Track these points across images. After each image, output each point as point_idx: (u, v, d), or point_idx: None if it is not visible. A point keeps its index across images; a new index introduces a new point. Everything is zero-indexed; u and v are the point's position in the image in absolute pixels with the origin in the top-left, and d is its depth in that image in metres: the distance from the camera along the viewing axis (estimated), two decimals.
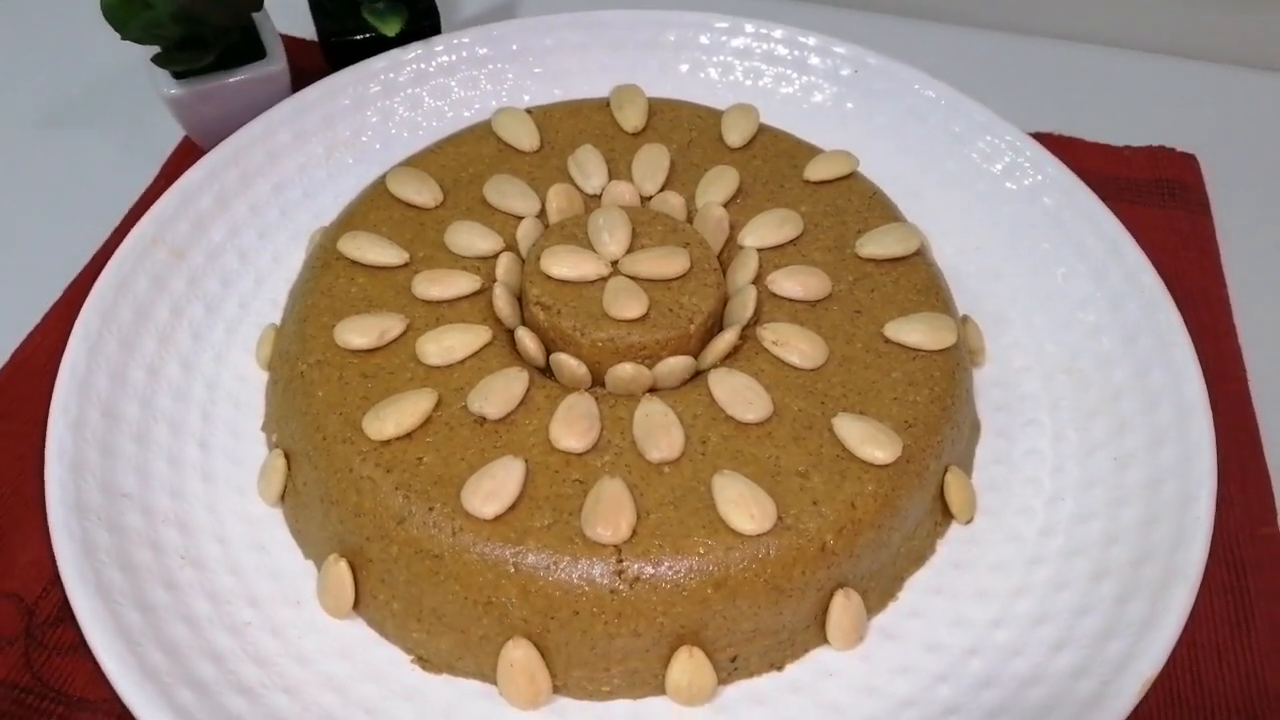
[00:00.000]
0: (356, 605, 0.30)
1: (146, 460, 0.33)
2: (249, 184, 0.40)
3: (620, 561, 0.28)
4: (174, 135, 0.46)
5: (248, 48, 0.43)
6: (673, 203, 0.38)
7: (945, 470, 0.33)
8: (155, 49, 0.41)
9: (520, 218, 0.37)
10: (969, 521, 0.33)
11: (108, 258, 0.37)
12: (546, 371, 0.33)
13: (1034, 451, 0.35)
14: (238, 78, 0.43)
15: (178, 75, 0.42)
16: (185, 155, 0.45)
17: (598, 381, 0.33)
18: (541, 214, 0.37)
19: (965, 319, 0.38)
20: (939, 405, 0.32)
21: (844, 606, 0.30)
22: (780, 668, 0.30)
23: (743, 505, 0.29)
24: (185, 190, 0.39)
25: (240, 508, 0.33)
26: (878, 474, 0.30)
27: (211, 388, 0.36)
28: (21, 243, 0.43)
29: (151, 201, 0.42)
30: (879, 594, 0.31)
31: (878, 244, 0.36)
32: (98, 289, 0.35)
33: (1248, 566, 0.34)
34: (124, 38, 0.40)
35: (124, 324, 0.35)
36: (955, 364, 0.34)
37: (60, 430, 0.31)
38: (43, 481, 0.31)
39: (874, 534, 0.30)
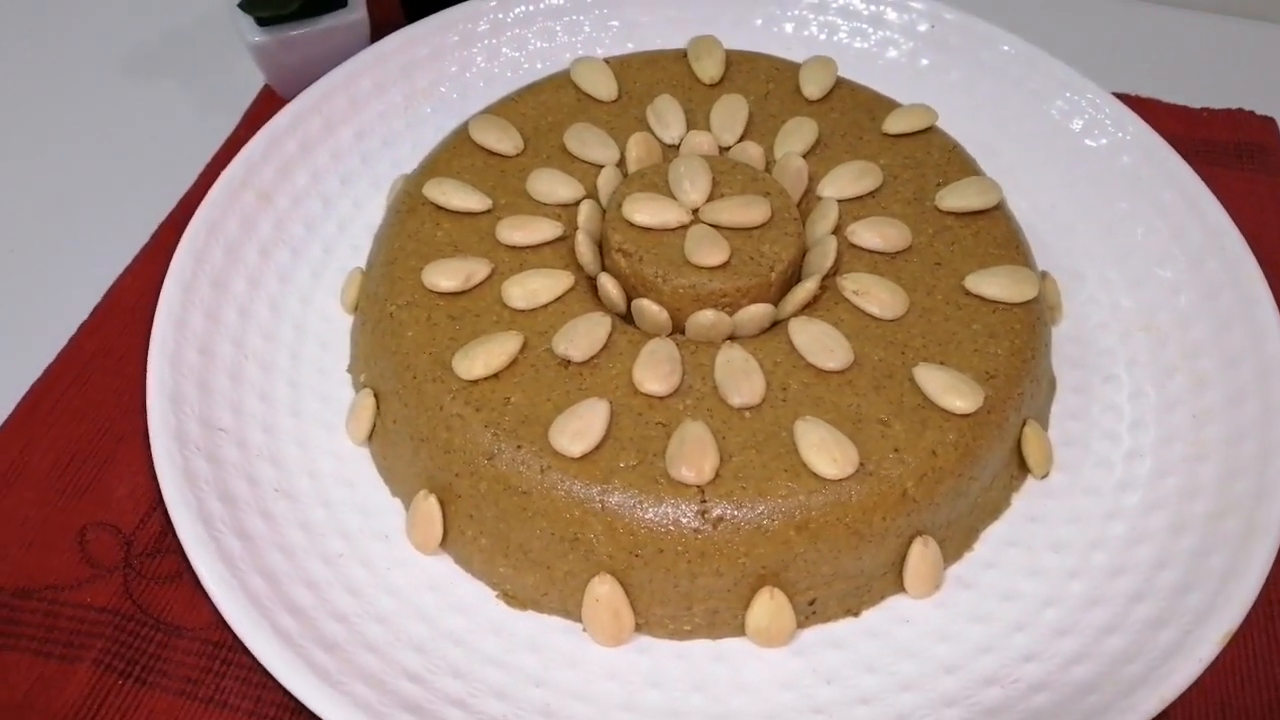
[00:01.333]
0: (444, 542, 0.31)
1: (240, 396, 0.34)
2: (332, 131, 0.41)
3: (704, 501, 0.29)
4: (254, 84, 0.47)
5: None
6: (751, 153, 0.38)
7: (1024, 424, 0.33)
8: None
9: (600, 166, 0.37)
10: (1045, 476, 0.33)
11: (195, 201, 0.38)
12: (628, 318, 0.34)
13: (1111, 407, 0.35)
14: (320, 26, 0.43)
15: (261, 23, 0.43)
16: (266, 103, 0.46)
17: (678, 328, 0.33)
18: (621, 163, 0.38)
19: (1044, 275, 0.37)
20: (1019, 358, 0.32)
21: (922, 554, 0.30)
22: (857, 613, 0.31)
23: (825, 450, 0.29)
24: (272, 135, 0.39)
25: (329, 444, 0.34)
26: (959, 423, 0.30)
27: (299, 329, 0.37)
28: (110, 186, 0.44)
29: (236, 147, 0.43)
30: (955, 544, 0.32)
31: (958, 196, 0.36)
32: (191, 229, 0.36)
33: None
34: None
35: (216, 265, 0.36)
36: (1036, 317, 0.34)
37: (160, 365, 0.32)
38: (138, 416, 0.32)
39: (954, 483, 0.30)
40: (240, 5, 0.42)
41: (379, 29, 0.45)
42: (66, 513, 0.34)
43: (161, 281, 0.35)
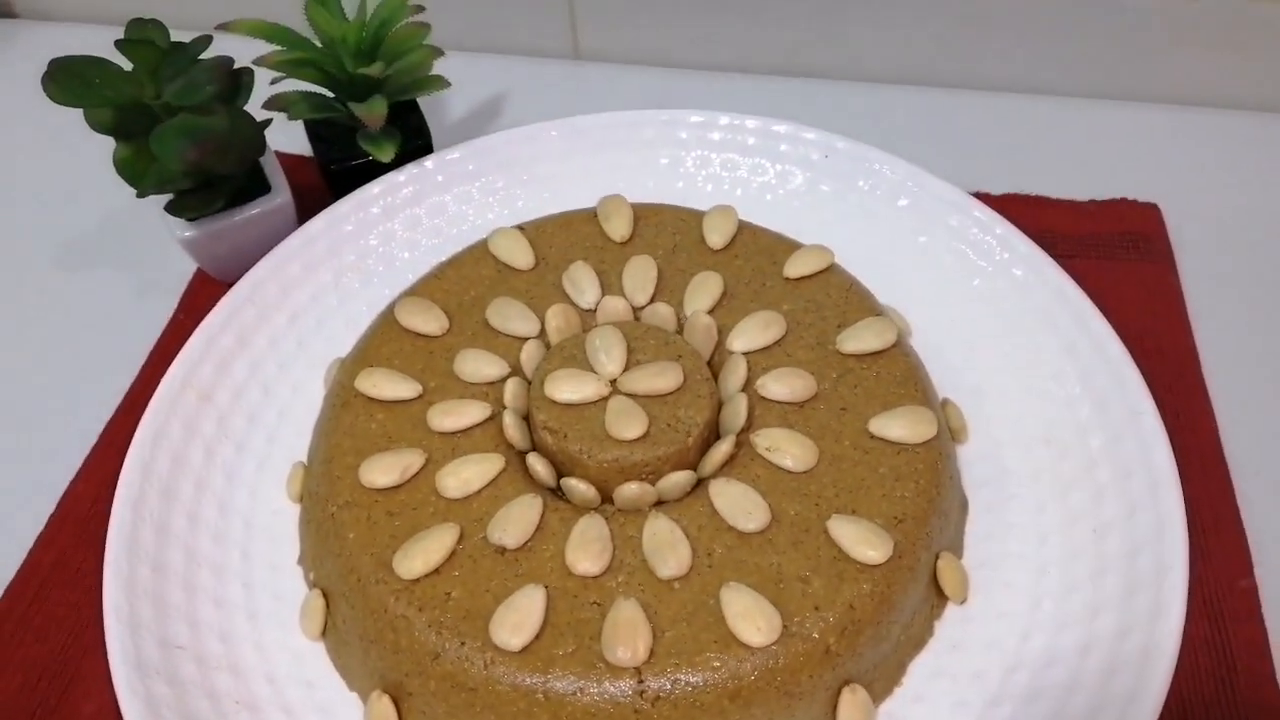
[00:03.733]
0: None
1: (195, 608, 0.35)
2: (266, 319, 0.43)
3: (641, 681, 0.31)
4: (189, 266, 0.49)
5: (253, 183, 0.46)
6: (663, 313, 0.40)
7: (936, 557, 0.35)
8: (165, 196, 0.44)
9: (523, 339, 0.39)
10: (963, 601, 0.36)
11: (139, 397, 0.39)
12: (558, 490, 0.36)
13: (1017, 525, 0.37)
14: (246, 214, 0.45)
15: (189, 218, 0.45)
16: (201, 286, 0.48)
17: (606, 498, 0.35)
18: (542, 334, 0.40)
19: (945, 402, 0.40)
20: (925, 498, 0.35)
21: (851, 702, 0.32)
22: None
23: (750, 618, 0.31)
24: (208, 332, 0.41)
25: (285, 642, 0.35)
26: (873, 573, 0.33)
27: (248, 525, 0.38)
28: (48, 383, 0.45)
29: (175, 334, 0.45)
30: (884, 682, 0.34)
31: (857, 339, 0.38)
32: (137, 442, 0.38)
33: (1228, 620, 0.36)
34: (138, 194, 0.42)
35: (162, 474, 0.38)
36: (938, 455, 0.36)
37: (115, 592, 0.34)
38: (100, 629, 0.34)
39: (874, 630, 0.32)
40: (166, 208, 0.43)
41: (304, 194, 0.47)
42: None
43: (113, 486, 0.36)
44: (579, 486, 0.35)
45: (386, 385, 0.38)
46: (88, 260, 0.50)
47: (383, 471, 0.35)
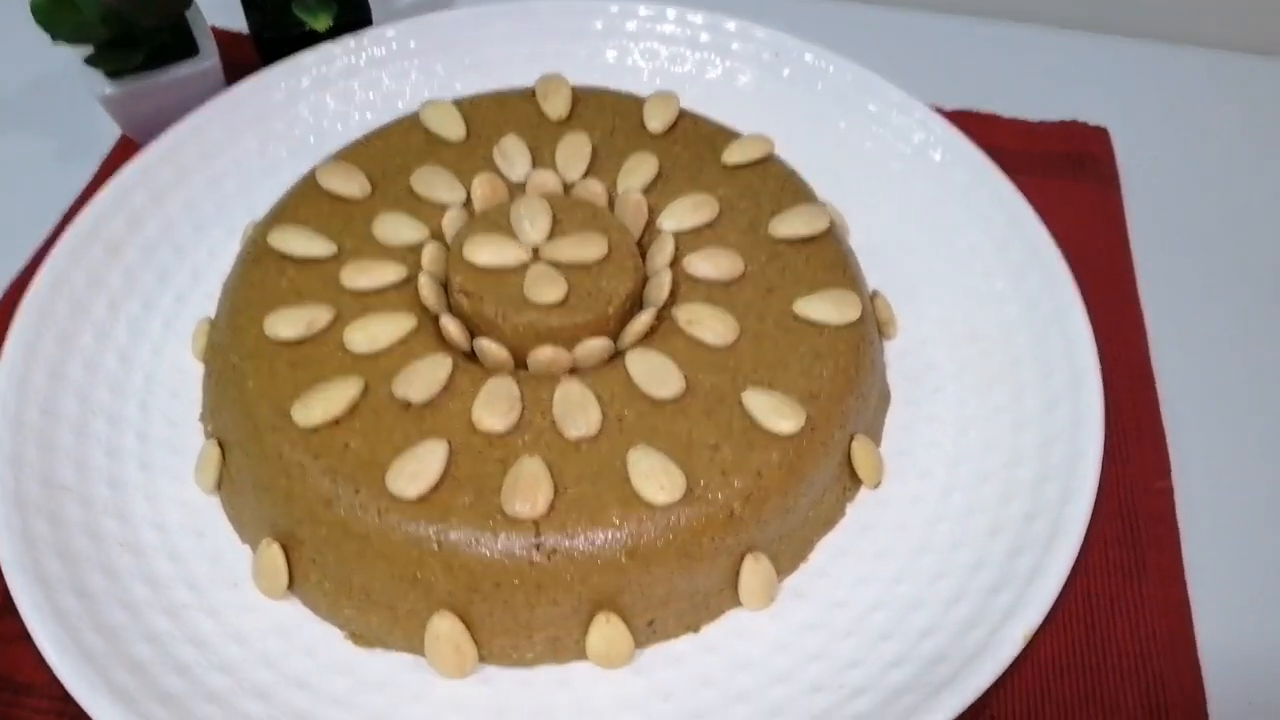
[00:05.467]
0: (291, 585, 0.32)
1: (85, 453, 0.34)
2: (184, 179, 0.41)
3: (539, 535, 0.30)
4: (113, 132, 0.47)
5: (180, 45, 0.44)
6: (594, 189, 0.39)
7: (851, 438, 0.34)
8: (85, 49, 0.42)
9: (446, 207, 0.38)
10: (876, 486, 0.35)
11: (46, 257, 0.38)
12: (472, 356, 0.35)
13: (936, 418, 0.37)
14: (170, 75, 0.43)
15: (111, 74, 0.43)
16: (124, 152, 0.46)
17: (520, 364, 0.34)
18: (467, 203, 0.39)
19: (875, 294, 0.39)
20: (844, 377, 0.34)
21: (753, 569, 0.31)
22: (696, 629, 0.32)
23: (654, 477, 0.30)
24: (120, 188, 0.40)
25: (179, 495, 0.34)
26: (783, 444, 0.32)
27: (150, 380, 0.37)
28: None
29: (89, 199, 0.44)
30: (790, 556, 0.33)
31: (789, 225, 0.38)
32: (34, 288, 0.36)
33: (1140, 518, 0.36)
34: (54, 40, 0.40)
35: (61, 321, 0.36)
36: (860, 337, 0.35)
37: None
38: None
39: (780, 500, 0.32)
40: (86, 60, 0.42)
41: (236, 72, 0.46)
42: None
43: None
44: (491, 347, 0.34)
45: (299, 242, 0.36)
46: (7, 121, 0.48)
47: (288, 324, 0.34)
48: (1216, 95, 0.52)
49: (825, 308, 0.35)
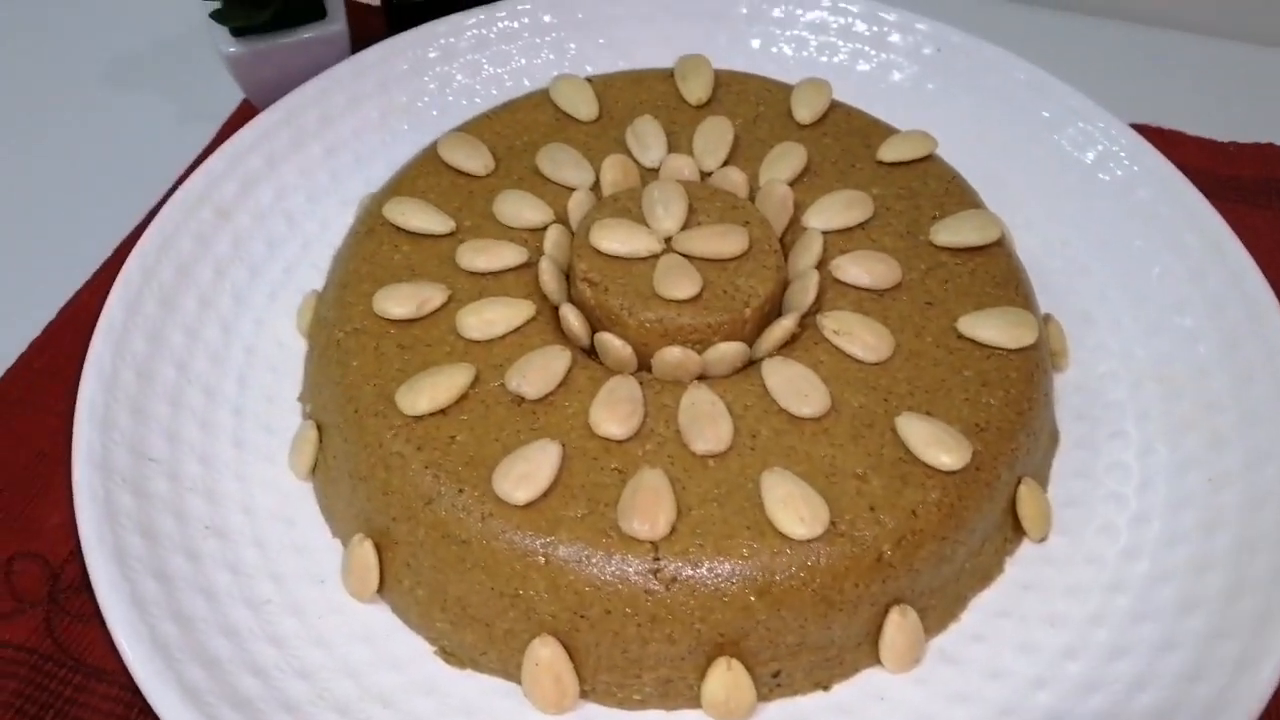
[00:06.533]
0: (381, 589, 0.29)
1: (178, 424, 0.32)
2: (300, 147, 0.39)
3: (657, 560, 0.26)
4: (235, 97, 0.45)
5: (309, 6, 0.42)
6: (734, 179, 0.35)
7: (1018, 481, 0.30)
8: (214, 4, 0.40)
9: (573, 189, 0.35)
10: (1043, 539, 0.31)
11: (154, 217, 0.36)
12: (591, 352, 0.32)
13: (1118, 465, 0.32)
14: (296, 37, 0.42)
15: (236, 33, 0.41)
16: (243, 117, 0.45)
17: (644, 365, 0.31)
18: (595, 186, 0.35)
19: (1047, 318, 0.35)
20: (1014, 409, 0.30)
21: (899, 625, 0.27)
22: (827, 687, 0.28)
23: (792, 506, 0.26)
24: (235, 151, 0.38)
25: (270, 478, 0.32)
26: (943, 480, 0.28)
27: (250, 353, 0.35)
28: (79, 199, 0.43)
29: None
30: (939, 613, 0.29)
31: (954, 231, 0.33)
32: (140, 247, 0.34)
33: None
34: None
35: (165, 283, 0.34)
36: (1035, 365, 0.31)
37: (92, 387, 0.30)
38: None
39: (936, 546, 0.28)
40: (212, 15, 0.40)
41: (363, 41, 0.44)
42: None
43: None
44: (614, 343, 0.30)
45: (417, 216, 0.34)
46: (132, 78, 0.47)
47: (398, 301, 0.31)
48: None
49: (995, 328, 0.31)
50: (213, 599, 0.28)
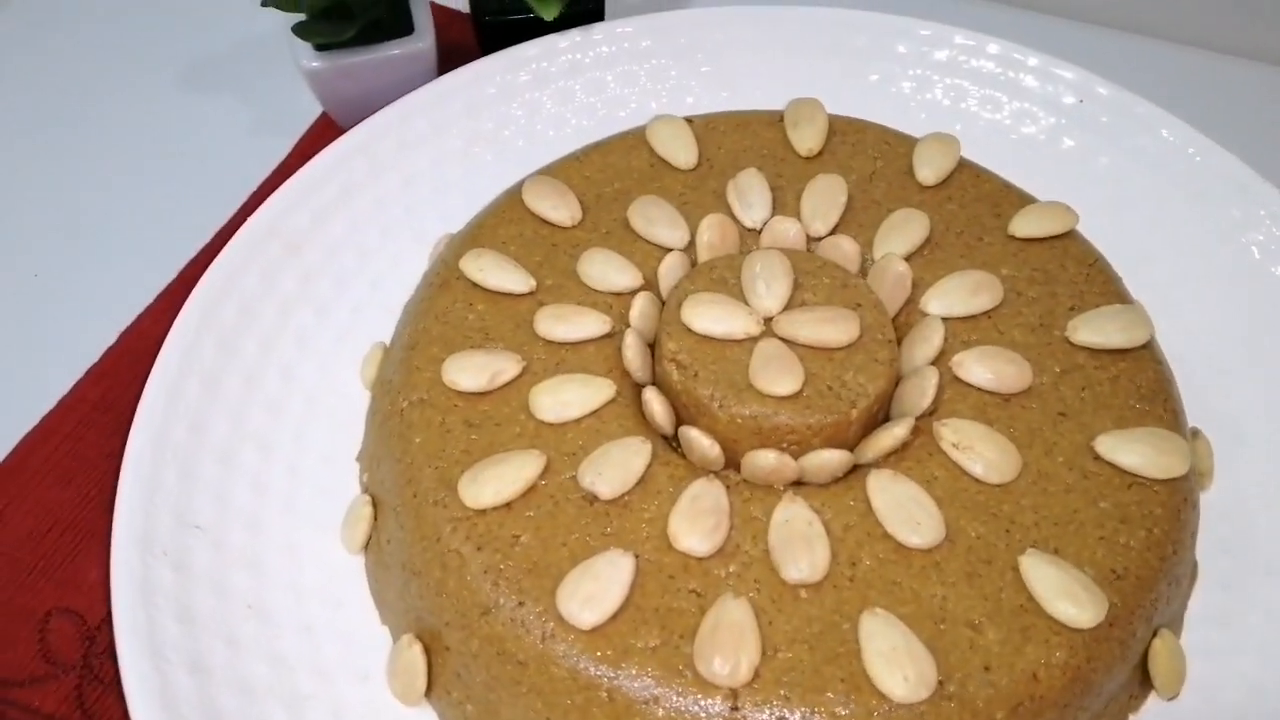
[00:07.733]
0: (429, 693, 0.27)
1: (228, 487, 0.30)
2: (378, 176, 0.37)
3: (735, 709, 0.23)
4: (314, 109, 0.43)
5: (395, 21, 0.40)
6: (846, 249, 0.32)
7: (1154, 634, 0.26)
8: (297, 17, 0.38)
9: (666, 250, 0.32)
10: (1173, 697, 0.27)
11: (225, 239, 0.34)
12: (673, 439, 0.29)
13: (1273, 614, 0.28)
14: (381, 54, 0.39)
15: (319, 47, 0.39)
16: (322, 131, 0.42)
17: (732, 463, 0.28)
18: (690, 247, 0.32)
19: (1195, 432, 0.30)
20: (1157, 554, 0.26)
21: None
22: None
23: (896, 662, 0.23)
24: (309, 178, 0.36)
25: (320, 550, 0.29)
26: (1072, 639, 0.24)
27: (310, 403, 0.32)
28: (148, 211, 0.41)
29: (279, 179, 0.40)
30: None
31: (1096, 330, 0.29)
32: (204, 284, 0.32)
33: None
34: (264, 3, 0.37)
35: (225, 324, 0.32)
36: (1183, 499, 0.27)
37: (140, 444, 0.29)
38: None
39: (1057, 714, 0.24)
40: (294, 29, 0.38)
41: (451, 55, 0.41)
42: (32, 593, 0.30)
43: None
44: (701, 440, 0.27)
45: (495, 272, 0.31)
46: (208, 83, 0.45)
47: (470, 372, 0.29)
48: None
49: (1139, 454, 0.27)
50: (249, 695, 0.26)
